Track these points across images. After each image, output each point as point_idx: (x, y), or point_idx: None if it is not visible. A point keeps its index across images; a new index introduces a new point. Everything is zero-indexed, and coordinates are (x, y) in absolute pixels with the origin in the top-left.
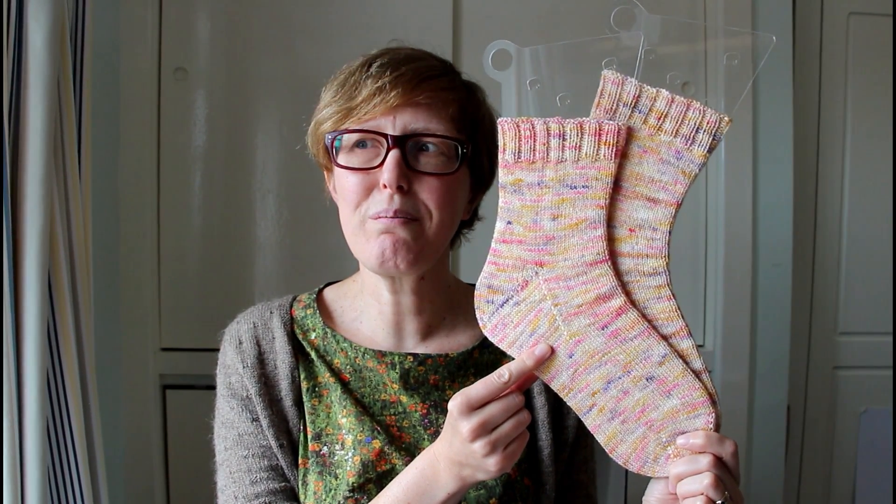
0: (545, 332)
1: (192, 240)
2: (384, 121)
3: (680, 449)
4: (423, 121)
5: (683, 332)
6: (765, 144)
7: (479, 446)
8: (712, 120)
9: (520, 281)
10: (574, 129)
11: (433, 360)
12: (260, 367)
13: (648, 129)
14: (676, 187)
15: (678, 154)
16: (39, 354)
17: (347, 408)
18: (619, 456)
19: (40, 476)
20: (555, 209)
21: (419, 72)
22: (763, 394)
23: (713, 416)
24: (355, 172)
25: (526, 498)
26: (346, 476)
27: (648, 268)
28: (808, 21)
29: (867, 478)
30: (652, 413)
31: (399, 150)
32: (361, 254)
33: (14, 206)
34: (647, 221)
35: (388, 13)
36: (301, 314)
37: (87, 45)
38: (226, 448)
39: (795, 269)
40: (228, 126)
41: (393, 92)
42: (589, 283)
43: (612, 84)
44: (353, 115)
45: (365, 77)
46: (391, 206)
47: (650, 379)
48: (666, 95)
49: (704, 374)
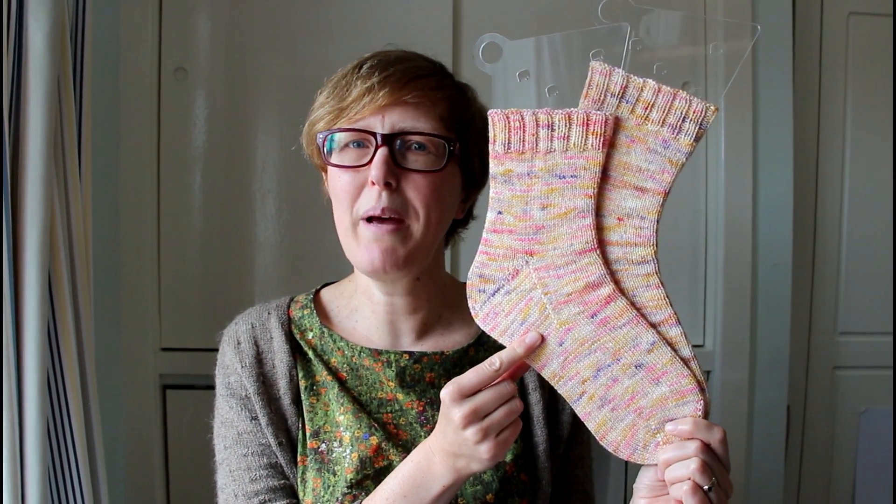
0: (536, 320)
1: (192, 240)
2: (373, 120)
3: (669, 435)
4: (410, 119)
5: (672, 319)
6: (765, 144)
7: (470, 433)
8: (698, 109)
9: (510, 270)
10: (562, 119)
11: (429, 358)
12: (258, 366)
13: (636, 118)
14: (664, 176)
15: (665, 143)
16: (39, 354)
17: (345, 405)
18: (609, 443)
19: (40, 476)
20: (544, 199)
21: (408, 72)
22: (763, 394)
23: (701, 403)
24: (346, 171)
25: (522, 493)
26: (344, 472)
27: (637, 256)
28: (808, 21)
29: (867, 478)
30: (641, 400)
31: (387, 148)
32: (353, 258)
33: (14, 206)
34: (635, 210)
35: (388, 13)
36: (298, 314)
37: (87, 45)
38: (225, 447)
39: (795, 269)
40: (228, 126)
41: (381, 91)
42: (578, 271)
43: (600, 75)
44: (345, 115)
45: (356, 78)
46: (379, 203)
47: (639, 366)
48: (653, 85)
49: (693, 361)
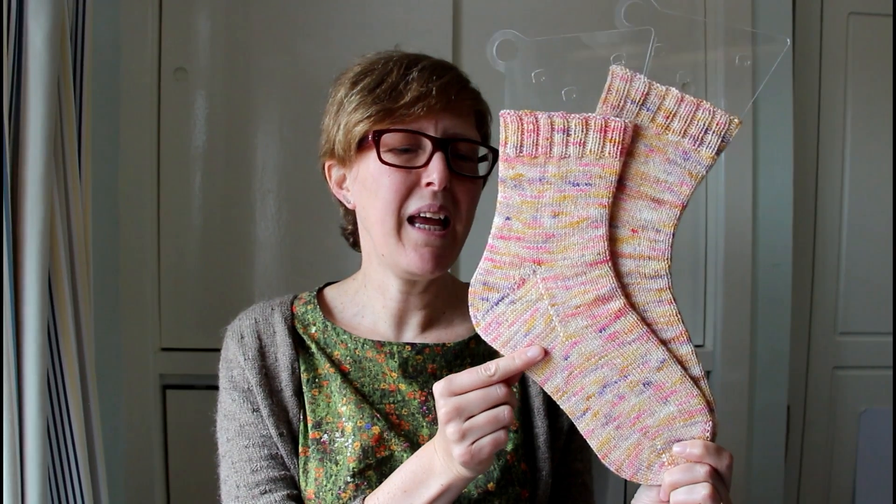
0: (541, 332)
1: (192, 240)
2: (426, 124)
3: (676, 457)
4: (460, 127)
5: (683, 337)
6: (765, 144)
7: (450, 431)
8: (722, 121)
9: (516, 279)
10: (579, 124)
11: (430, 350)
12: (261, 359)
13: (656, 127)
14: (682, 188)
15: (685, 155)
16: (39, 354)
17: (347, 396)
18: (611, 462)
19: (40, 476)
20: (556, 206)
21: (459, 80)
22: (763, 394)
23: (710, 424)
24: (399, 171)
25: (523, 483)
26: (346, 462)
27: (650, 270)
28: (808, 21)
29: (867, 478)
30: (647, 419)
31: (443, 153)
32: (397, 259)
33: (14, 206)
34: (651, 222)
35: (388, 13)
36: (302, 310)
37: (87, 45)
38: (228, 440)
39: (795, 269)
40: (228, 126)
41: (438, 97)
42: (588, 283)
43: (621, 80)
44: (394, 115)
45: (408, 80)
46: (436, 201)
47: (647, 384)
48: (676, 94)
49: (703, 381)
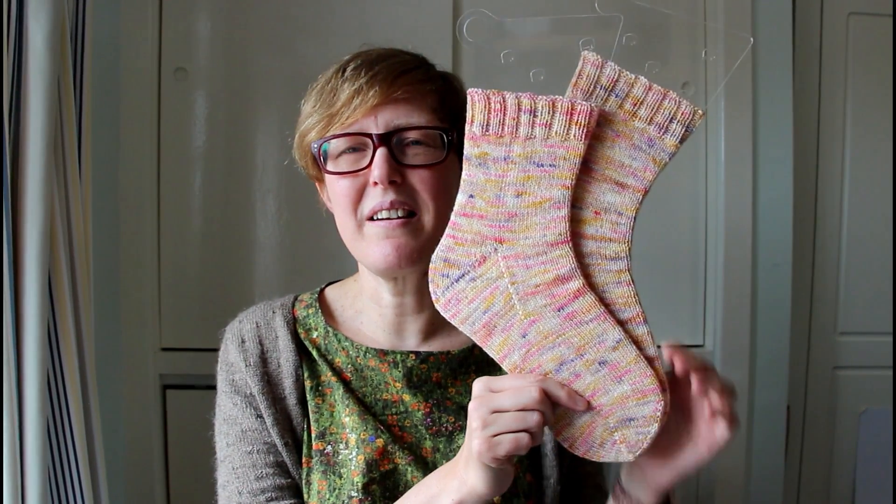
0: (500, 309)
1: (192, 240)
2: (367, 121)
3: (625, 438)
4: (404, 115)
5: (639, 317)
6: (765, 144)
7: (473, 417)
8: (686, 112)
9: (477, 256)
10: (546, 106)
11: (435, 358)
12: (262, 365)
13: (623, 114)
14: (646, 174)
15: (650, 141)
16: (39, 354)
17: (350, 406)
18: (565, 439)
19: (40, 476)
20: (519, 186)
21: (394, 68)
22: (763, 394)
23: (661, 403)
24: (345, 176)
25: (528, 494)
26: (350, 475)
27: (610, 252)
28: (808, 21)
29: (867, 478)
30: (602, 397)
31: (385, 147)
32: (364, 258)
33: (14, 206)
34: (614, 205)
35: (388, 13)
36: (303, 313)
37: (87, 45)
38: (228, 444)
39: (795, 269)
40: (228, 126)
41: (371, 91)
42: (548, 263)
43: (592, 66)
44: (336, 120)
45: (341, 82)
46: (386, 197)
47: (602, 363)
48: (644, 83)
49: (657, 361)
